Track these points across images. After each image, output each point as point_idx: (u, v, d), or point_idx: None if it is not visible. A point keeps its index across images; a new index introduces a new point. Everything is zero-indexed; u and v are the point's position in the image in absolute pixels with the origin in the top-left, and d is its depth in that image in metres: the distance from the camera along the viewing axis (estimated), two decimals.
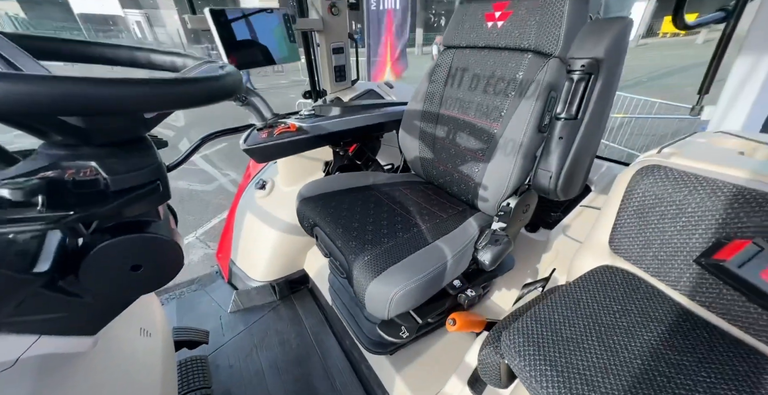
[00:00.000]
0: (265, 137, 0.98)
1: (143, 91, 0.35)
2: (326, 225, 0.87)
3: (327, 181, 1.07)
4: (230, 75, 0.46)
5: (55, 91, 0.28)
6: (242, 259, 1.40)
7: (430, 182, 1.12)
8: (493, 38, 0.86)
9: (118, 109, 0.35)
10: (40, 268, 0.40)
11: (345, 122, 1.07)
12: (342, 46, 1.43)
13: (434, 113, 1.03)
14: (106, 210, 0.40)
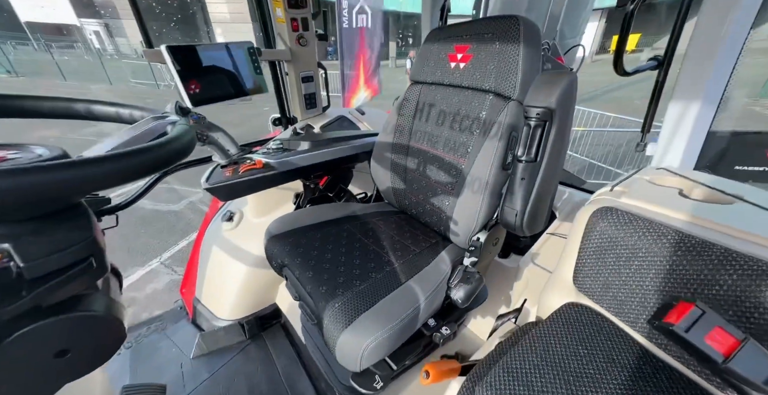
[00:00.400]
0: (229, 175, 0.94)
1: (68, 175, 0.32)
2: (296, 268, 0.84)
3: (297, 216, 1.04)
4: (177, 139, 0.43)
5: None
6: (208, 297, 1.32)
7: (403, 211, 1.12)
8: (457, 78, 0.90)
9: (32, 200, 0.31)
10: None
11: (315, 156, 1.05)
12: (311, 75, 1.43)
13: (404, 145, 1.04)
14: (16, 307, 0.35)
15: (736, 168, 2.48)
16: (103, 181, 0.35)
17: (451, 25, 0.92)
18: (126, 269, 2.56)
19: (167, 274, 2.52)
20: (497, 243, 0.91)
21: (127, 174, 0.36)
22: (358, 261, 0.85)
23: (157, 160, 0.39)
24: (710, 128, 0.81)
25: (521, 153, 0.71)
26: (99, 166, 0.34)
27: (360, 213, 1.09)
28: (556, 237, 1.05)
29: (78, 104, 0.56)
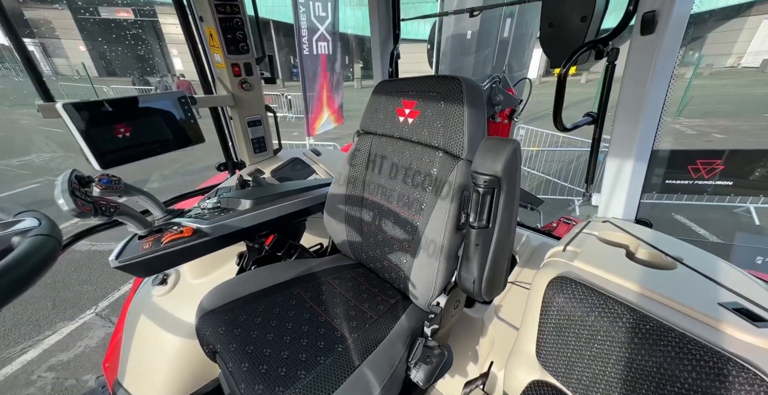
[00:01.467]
0: (148, 248, 0.81)
1: None
2: (229, 358, 0.71)
3: (237, 283, 0.92)
4: (12, 270, 0.32)
5: None
6: (132, 380, 1.10)
7: (361, 264, 1.04)
8: (406, 132, 0.86)
9: None
10: None
11: (258, 215, 0.95)
12: (259, 119, 1.34)
13: (358, 197, 0.98)
14: None
15: (667, 182, 2.72)
16: None
17: (398, 79, 0.90)
18: (52, 326, 2.18)
19: (103, 328, 2.18)
20: (458, 305, 0.85)
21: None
22: (306, 340, 0.75)
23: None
24: (645, 177, 0.84)
25: (473, 219, 0.68)
26: None
27: (314, 270, 0.99)
28: (517, 287, 1.02)
29: None
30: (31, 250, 0.35)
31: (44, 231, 0.39)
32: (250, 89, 1.27)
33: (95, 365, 1.90)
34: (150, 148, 0.94)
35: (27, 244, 0.36)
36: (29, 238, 0.37)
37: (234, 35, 1.15)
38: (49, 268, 0.36)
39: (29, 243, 0.36)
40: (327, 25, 4.36)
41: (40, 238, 0.38)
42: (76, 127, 0.78)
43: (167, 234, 0.83)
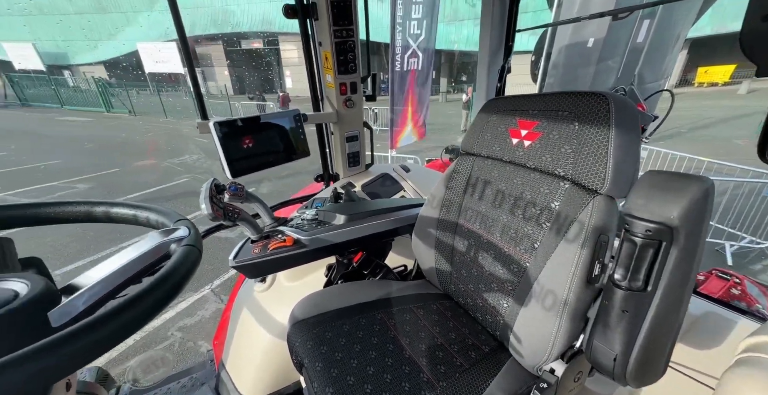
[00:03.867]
0: (257, 252, 0.88)
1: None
2: (315, 378, 0.70)
3: (326, 296, 0.93)
4: (170, 278, 0.35)
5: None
6: (233, 364, 1.24)
7: (447, 295, 0.95)
8: (520, 156, 0.75)
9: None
10: None
11: (350, 232, 0.95)
12: (356, 135, 1.40)
13: (452, 222, 0.89)
14: None
15: None
16: (89, 354, 0.28)
17: (515, 96, 0.79)
18: (183, 293, 2.74)
19: (215, 303, 2.61)
20: (581, 377, 0.67)
21: (118, 336, 0.30)
22: (389, 376, 0.69)
23: (151, 309, 0.33)
24: None
25: (621, 276, 0.52)
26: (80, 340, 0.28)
27: (397, 294, 0.94)
28: (678, 373, 0.76)
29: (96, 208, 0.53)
30: (182, 260, 0.38)
31: (191, 242, 0.43)
32: (353, 106, 1.33)
33: (207, 334, 2.27)
34: (269, 159, 1.05)
35: (179, 254, 0.40)
36: (181, 248, 0.41)
37: (346, 57, 1.22)
38: (192, 276, 0.39)
39: (181, 253, 0.40)
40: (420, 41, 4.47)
41: (188, 248, 0.41)
42: (219, 140, 0.92)
43: (273, 242, 0.90)
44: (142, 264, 0.42)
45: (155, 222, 0.52)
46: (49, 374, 0.26)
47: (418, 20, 4.38)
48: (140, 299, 0.33)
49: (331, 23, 1.14)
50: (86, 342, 0.28)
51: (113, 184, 5.48)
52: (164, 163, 6.72)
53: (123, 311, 0.31)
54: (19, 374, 0.24)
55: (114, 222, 0.54)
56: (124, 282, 0.41)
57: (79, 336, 0.28)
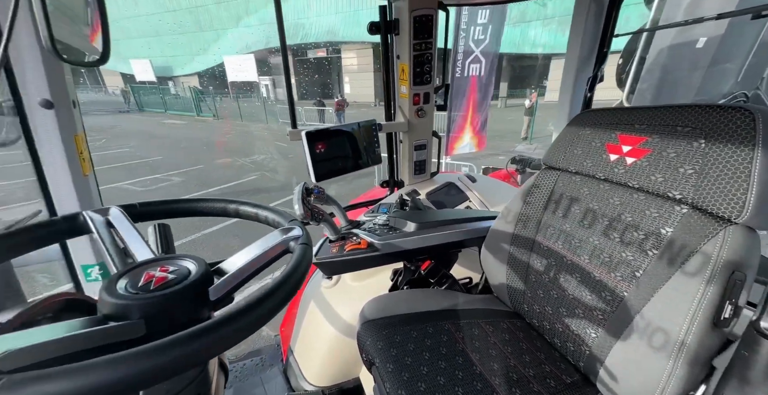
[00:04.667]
0: (335, 252, 0.96)
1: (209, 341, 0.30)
2: (387, 379, 0.74)
3: (394, 300, 0.97)
4: (297, 270, 0.42)
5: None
6: (300, 352, 1.35)
7: (518, 314, 0.91)
8: (620, 174, 0.69)
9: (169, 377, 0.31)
10: None
11: (420, 240, 0.98)
12: (425, 144, 1.43)
13: (528, 239, 0.86)
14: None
15: None
16: (244, 333, 0.34)
17: (616, 109, 0.74)
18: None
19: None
20: None
21: (264, 317, 0.36)
22: (461, 391, 0.69)
23: (287, 296, 0.39)
24: None
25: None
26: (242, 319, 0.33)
27: (464, 306, 0.94)
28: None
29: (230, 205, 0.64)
30: (302, 256, 0.45)
31: (306, 241, 0.50)
32: (424, 116, 1.36)
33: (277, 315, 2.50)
34: (347, 165, 1.14)
35: (300, 251, 0.46)
36: (300, 246, 0.48)
37: (422, 68, 1.26)
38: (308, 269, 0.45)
39: (301, 251, 0.46)
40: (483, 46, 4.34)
41: (305, 247, 0.48)
42: (307, 148, 1.02)
43: (349, 243, 0.97)
44: (269, 257, 0.50)
45: (273, 220, 0.61)
46: (221, 346, 0.32)
47: (483, 25, 4.26)
48: (278, 288, 0.40)
49: (412, 38, 1.19)
50: (243, 323, 0.34)
51: (199, 178, 6.36)
52: (238, 162, 7.59)
53: (267, 298, 0.38)
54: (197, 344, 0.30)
55: (241, 217, 0.64)
56: (257, 269, 0.49)
57: (236, 319, 0.33)
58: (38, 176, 0.81)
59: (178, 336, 0.29)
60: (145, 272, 0.41)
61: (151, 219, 0.58)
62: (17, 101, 0.74)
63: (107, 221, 0.51)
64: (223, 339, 0.32)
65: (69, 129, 0.80)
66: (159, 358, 0.27)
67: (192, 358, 0.29)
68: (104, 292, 0.37)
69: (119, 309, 0.36)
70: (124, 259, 0.47)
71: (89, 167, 0.89)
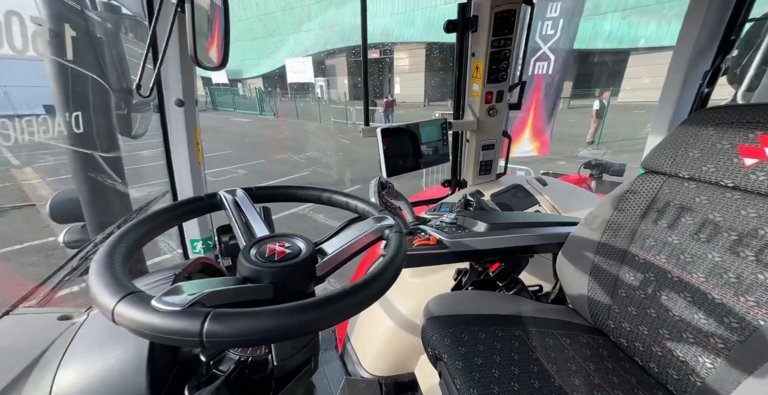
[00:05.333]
0: None
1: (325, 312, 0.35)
2: (457, 376, 0.74)
3: (460, 298, 0.96)
4: (397, 256, 0.44)
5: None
6: (357, 339, 1.40)
7: (598, 330, 0.84)
8: (759, 182, 0.59)
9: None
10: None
11: (491, 241, 0.96)
12: (493, 143, 1.38)
13: (619, 249, 0.79)
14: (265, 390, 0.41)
15: None
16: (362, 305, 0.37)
17: (753, 105, 0.64)
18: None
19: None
20: None
21: (374, 295, 0.38)
22: None
23: (390, 281, 0.41)
24: None
25: None
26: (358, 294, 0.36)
27: (534, 314, 0.89)
28: None
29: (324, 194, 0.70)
30: (401, 243, 0.47)
31: (400, 229, 0.52)
32: (495, 115, 1.32)
33: None
34: (417, 162, 1.16)
35: (398, 239, 0.49)
36: (396, 233, 0.50)
37: (498, 66, 1.22)
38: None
39: (398, 238, 0.49)
40: (552, 43, 4.03)
41: (401, 235, 0.50)
42: (381, 144, 1.06)
43: (417, 239, 0.99)
44: (364, 243, 0.54)
45: (362, 210, 0.65)
46: (334, 319, 0.35)
47: (553, 19, 3.96)
48: (384, 271, 0.42)
49: (490, 34, 1.16)
50: (361, 297, 0.38)
51: (259, 172, 6.95)
52: (294, 158, 8.12)
53: (376, 279, 0.41)
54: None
55: (332, 205, 0.69)
56: (353, 253, 0.53)
57: (349, 295, 0.36)
58: (167, 162, 0.96)
59: (335, 294, 0.34)
60: (268, 245, 0.47)
61: (261, 201, 0.66)
62: (160, 101, 0.89)
63: (235, 201, 0.59)
64: (348, 308, 0.36)
65: (191, 124, 0.94)
66: (318, 312, 0.33)
67: (335, 318, 0.34)
68: (242, 258, 0.44)
69: (254, 273, 0.42)
70: (249, 233, 0.54)
71: (201, 157, 1.03)
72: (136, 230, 0.43)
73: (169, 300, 0.32)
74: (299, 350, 0.45)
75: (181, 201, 0.52)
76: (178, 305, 0.31)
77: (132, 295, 0.32)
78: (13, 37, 0.79)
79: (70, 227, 1.15)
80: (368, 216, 0.62)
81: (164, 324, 0.30)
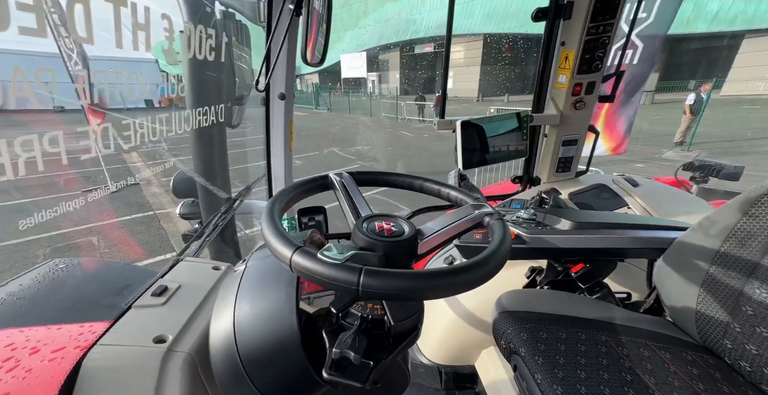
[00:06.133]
0: (479, 238, 0.98)
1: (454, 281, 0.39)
2: (537, 371, 0.73)
3: (536, 296, 0.93)
4: (504, 241, 0.46)
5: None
6: None
7: (707, 349, 0.76)
8: None
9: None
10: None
11: (576, 240, 0.91)
12: (576, 139, 1.29)
13: (747, 261, 0.69)
14: (388, 361, 0.47)
15: None
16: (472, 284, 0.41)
17: None
18: None
19: None
20: None
21: (482, 278, 0.41)
22: None
23: (500, 264, 0.43)
24: None
25: None
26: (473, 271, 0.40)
27: (624, 323, 0.83)
28: None
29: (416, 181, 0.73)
30: (505, 229, 0.48)
31: (500, 216, 0.53)
32: (582, 108, 1.23)
33: None
34: (496, 156, 1.14)
35: (503, 224, 0.50)
36: (498, 220, 0.52)
37: (593, 55, 1.13)
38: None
39: (503, 224, 0.50)
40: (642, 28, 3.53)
41: (502, 221, 0.51)
42: (460, 136, 1.06)
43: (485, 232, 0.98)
44: (461, 228, 0.56)
45: (455, 198, 0.67)
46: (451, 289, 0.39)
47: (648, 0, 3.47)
48: (495, 253, 0.44)
49: (588, 20, 1.08)
50: (483, 271, 0.40)
51: (313, 163, 7.37)
52: (343, 151, 8.44)
53: (490, 259, 0.43)
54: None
55: (424, 192, 0.72)
56: (451, 237, 0.55)
57: (467, 270, 0.40)
58: (266, 148, 1.09)
59: (462, 267, 0.39)
60: (376, 223, 0.52)
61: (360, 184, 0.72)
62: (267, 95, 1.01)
63: (342, 182, 0.66)
64: (469, 282, 0.40)
65: (289, 115, 1.05)
66: (449, 279, 0.38)
67: (460, 287, 0.39)
68: (357, 231, 0.49)
69: (369, 244, 0.47)
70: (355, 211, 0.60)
71: (292, 145, 1.14)
72: (280, 199, 0.52)
73: (329, 255, 0.39)
74: (409, 316, 0.49)
75: (304, 180, 0.60)
76: (338, 259, 0.38)
77: (300, 249, 0.39)
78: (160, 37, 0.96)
79: (184, 202, 1.38)
80: (462, 204, 0.64)
81: (330, 273, 0.37)
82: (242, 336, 0.46)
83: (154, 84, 1.06)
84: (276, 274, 0.52)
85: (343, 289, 0.37)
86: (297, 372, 0.46)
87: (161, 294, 0.53)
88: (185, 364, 0.46)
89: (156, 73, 1.40)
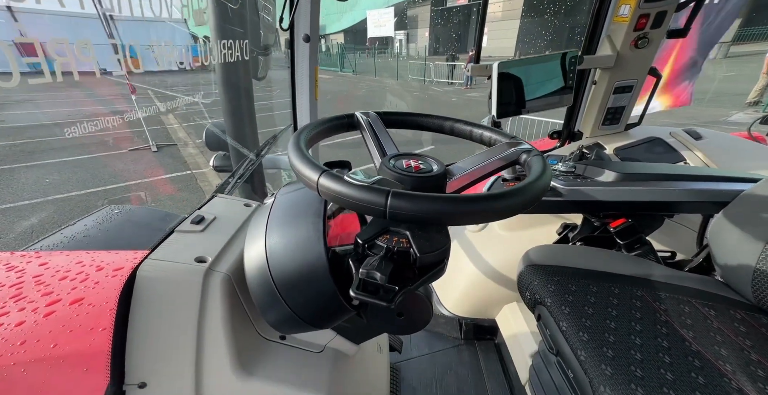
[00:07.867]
0: None
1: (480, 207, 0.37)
2: (563, 319, 0.72)
3: (568, 252, 0.90)
4: (544, 176, 0.43)
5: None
6: (438, 280, 1.48)
7: (762, 310, 0.70)
8: None
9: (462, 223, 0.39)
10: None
11: (619, 192, 0.84)
12: (632, 85, 1.13)
13: None
14: (413, 288, 0.47)
15: None
16: (502, 213, 0.39)
17: None
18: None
19: None
20: None
21: (513, 209, 0.39)
22: (668, 359, 0.60)
23: (537, 196, 0.41)
24: None
25: None
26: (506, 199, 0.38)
27: (664, 280, 0.78)
28: None
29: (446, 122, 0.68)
30: (545, 164, 0.44)
31: (538, 153, 0.49)
32: (645, 46, 1.06)
33: None
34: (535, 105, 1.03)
35: (542, 160, 0.46)
36: (537, 156, 0.47)
37: None
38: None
39: (542, 159, 0.46)
40: None
41: (541, 157, 0.47)
42: (496, 82, 0.97)
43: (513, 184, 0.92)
44: (496, 166, 0.52)
45: (488, 138, 0.62)
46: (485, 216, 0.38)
47: None
48: (533, 184, 0.41)
49: None
50: (514, 201, 0.38)
51: None
52: None
53: (527, 190, 0.39)
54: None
55: (455, 135, 0.68)
56: (483, 175, 0.52)
57: (501, 198, 0.37)
58: (292, 96, 1.07)
59: (493, 194, 0.37)
60: (404, 161, 0.50)
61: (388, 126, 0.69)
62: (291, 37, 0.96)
63: (368, 121, 0.63)
64: (509, 207, 0.38)
65: (314, 60, 1.00)
66: (479, 205, 0.37)
67: (490, 215, 0.38)
68: (384, 167, 0.48)
69: (397, 178, 0.46)
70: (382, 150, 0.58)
71: (317, 93, 1.11)
72: (306, 130, 0.52)
73: (356, 178, 0.38)
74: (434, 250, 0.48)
75: (331, 117, 0.58)
76: (365, 181, 0.37)
77: (326, 172, 0.39)
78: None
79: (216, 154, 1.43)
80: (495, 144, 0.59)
81: (357, 194, 0.36)
82: (274, 260, 0.48)
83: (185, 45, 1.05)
84: (304, 206, 0.53)
85: (370, 210, 0.37)
86: (326, 295, 0.48)
87: (199, 222, 0.57)
88: (224, 283, 0.50)
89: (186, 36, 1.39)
